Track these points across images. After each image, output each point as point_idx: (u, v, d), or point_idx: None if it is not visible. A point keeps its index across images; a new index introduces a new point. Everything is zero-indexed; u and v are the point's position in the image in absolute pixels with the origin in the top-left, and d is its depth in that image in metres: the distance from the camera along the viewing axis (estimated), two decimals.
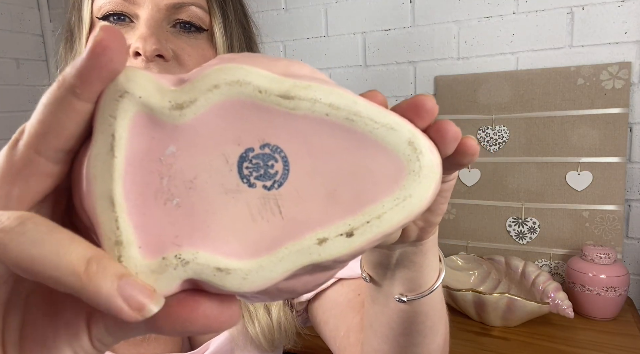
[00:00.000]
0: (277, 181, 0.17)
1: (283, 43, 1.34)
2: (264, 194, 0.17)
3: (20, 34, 1.54)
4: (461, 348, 0.83)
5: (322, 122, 0.17)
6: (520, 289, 0.94)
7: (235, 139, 0.17)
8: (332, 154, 0.17)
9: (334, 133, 0.17)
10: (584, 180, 1.02)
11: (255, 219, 0.17)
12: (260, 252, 0.17)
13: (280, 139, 0.17)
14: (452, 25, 1.14)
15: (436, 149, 0.19)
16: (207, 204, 0.17)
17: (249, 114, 0.16)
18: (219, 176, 0.17)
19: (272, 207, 0.17)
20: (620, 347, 0.81)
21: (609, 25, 1.01)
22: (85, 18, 0.45)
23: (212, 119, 0.16)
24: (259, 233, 0.17)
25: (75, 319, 0.18)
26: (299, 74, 0.17)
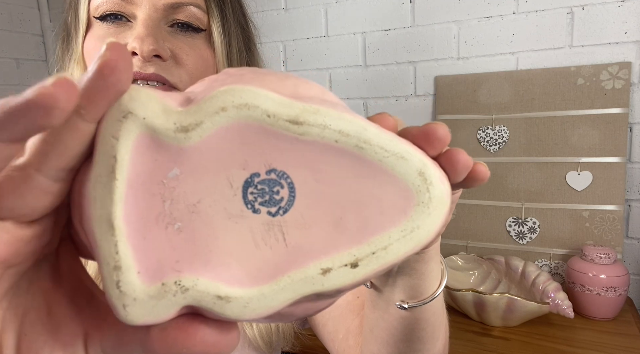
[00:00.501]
0: (282, 207, 0.17)
1: (283, 43, 1.34)
2: (268, 220, 0.16)
3: (20, 34, 1.54)
4: (461, 348, 0.83)
5: (331, 149, 0.16)
6: (520, 289, 0.94)
7: (241, 164, 0.16)
8: (340, 182, 0.17)
9: (342, 160, 0.17)
10: (584, 180, 1.02)
11: (259, 245, 0.17)
12: (263, 280, 0.16)
13: (287, 164, 0.16)
14: (452, 25, 1.14)
15: (446, 178, 0.19)
16: (209, 229, 0.16)
17: (256, 138, 0.16)
18: (223, 200, 0.16)
19: (276, 234, 0.17)
20: (620, 347, 0.81)
21: (609, 25, 1.01)
22: (82, 17, 0.45)
23: (218, 142, 0.16)
24: (262, 260, 0.16)
25: (72, 340, 0.18)
26: (308, 95, 0.17)
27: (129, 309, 0.15)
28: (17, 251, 0.16)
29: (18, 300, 0.17)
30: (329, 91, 0.18)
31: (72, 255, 0.19)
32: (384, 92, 1.24)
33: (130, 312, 0.15)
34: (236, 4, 0.52)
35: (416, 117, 1.22)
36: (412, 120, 1.22)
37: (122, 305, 0.15)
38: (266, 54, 1.47)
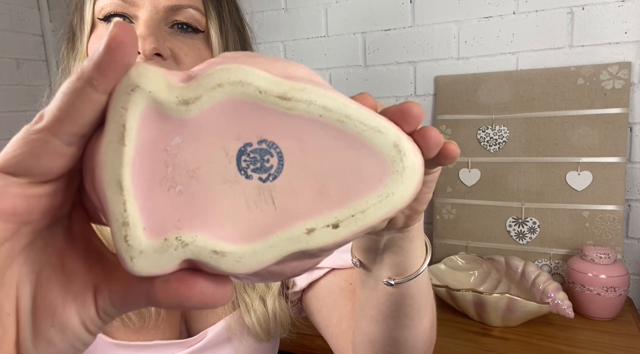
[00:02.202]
0: (272, 174, 0.18)
1: (283, 43, 1.34)
2: (259, 185, 0.18)
3: (20, 34, 1.54)
4: (461, 348, 0.83)
5: (316, 123, 0.18)
6: (520, 289, 0.94)
7: (236, 135, 0.18)
8: (324, 152, 0.19)
9: (326, 133, 0.19)
10: (584, 180, 1.02)
11: (251, 208, 0.18)
12: (254, 238, 0.18)
13: (276, 136, 0.18)
14: (452, 25, 1.14)
15: (419, 151, 0.21)
16: (207, 193, 0.18)
17: (249, 112, 0.18)
18: (219, 167, 0.18)
19: (267, 198, 0.18)
20: (620, 347, 0.81)
21: (609, 25, 1.01)
22: (87, 19, 0.47)
23: (215, 115, 0.18)
24: (253, 221, 0.18)
25: (83, 291, 0.20)
26: (297, 76, 0.19)
27: (135, 260, 0.17)
28: (31, 207, 0.18)
29: (34, 257, 0.20)
30: (316, 74, 0.20)
31: (83, 219, 0.22)
32: (384, 92, 1.24)
33: (137, 263, 0.18)
34: (233, 7, 0.54)
35: None
36: None
37: (130, 257, 0.17)
38: (266, 53, 1.47)
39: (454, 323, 0.92)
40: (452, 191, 1.15)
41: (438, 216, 1.16)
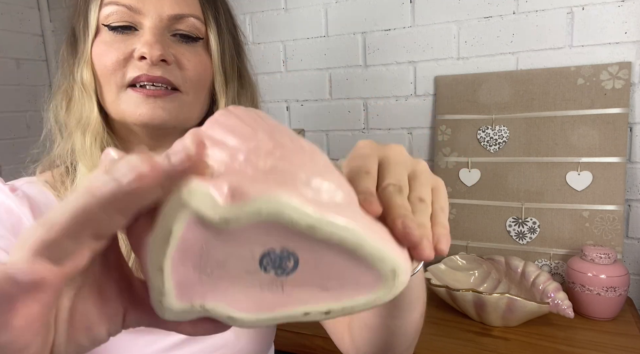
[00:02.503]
0: (286, 272, 0.24)
1: (283, 43, 1.34)
2: (274, 278, 0.24)
3: (20, 34, 1.54)
4: (461, 348, 0.83)
5: (333, 245, 0.23)
6: (520, 289, 0.94)
7: (263, 243, 0.23)
8: (334, 264, 0.23)
9: (340, 254, 0.23)
10: (584, 180, 1.02)
11: (263, 290, 0.24)
12: (261, 311, 0.24)
13: (297, 248, 0.23)
14: (452, 25, 1.14)
15: (410, 261, 0.25)
16: (230, 278, 0.23)
17: (279, 231, 0.22)
18: (244, 262, 0.23)
19: (277, 286, 0.24)
20: (620, 347, 0.81)
21: (609, 25, 1.01)
22: (92, 23, 0.51)
23: (249, 230, 0.22)
24: (263, 299, 0.24)
25: (116, 313, 0.25)
26: (327, 200, 0.23)
27: (166, 314, 0.23)
28: (92, 256, 0.22)
29: (76, 277, 0.23)
30: (344, 179, 0.26)
31: (118, 252, 0.26)
32: (384, 92, 1.24)
33: (166, 315, 0.23)
34: (228, 15, 0.58)
35: (416, 117, 1.22)
36: (412, 120, 1.22)
37: (161, 311, 0.23)
38: (266, 54, 1.48)
39: (454, 323, 0.92)
40: (452, 191, 1.15)
41: None
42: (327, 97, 1.31)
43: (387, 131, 1.25)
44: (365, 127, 1.28)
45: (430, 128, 1.21)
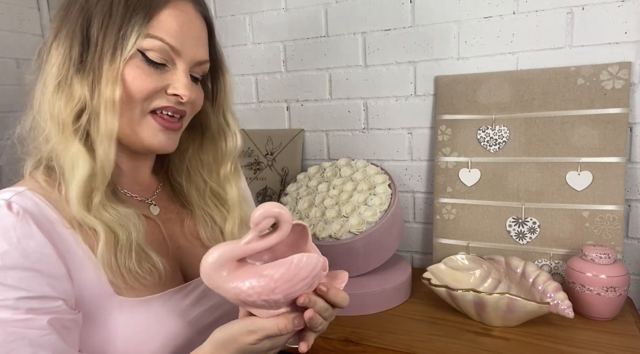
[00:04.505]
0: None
1: (283, 43, 1.34)
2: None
3: (20, 34, 1.54)
4: (461, 348, 0.83)
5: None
6: (520, 289, 0.94)
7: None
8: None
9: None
10: (584, 180, 1.02)
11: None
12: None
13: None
14: (452, 25, 1.14)
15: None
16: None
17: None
18: None
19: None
20: (620, 347, 0.81)
21: (609, 25, 1.01)
22: (129, 47, 0.54)
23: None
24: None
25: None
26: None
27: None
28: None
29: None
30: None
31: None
32: (384, 92, 1.24)
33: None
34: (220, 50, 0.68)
35: (416, 117, 1.22)
36: (412, 120, 1.22)
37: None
38: (266, 53, 1.48)
39: (454, 323, 0.92)
40: (452, 191, 1.15)
41: (438, 216, 1.16)
42: (327, 97, 1.31)
43: (387, 131, 1.25)
44: (365, 127, 1.28)
45: (430, 128, 1.21)
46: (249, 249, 0.49)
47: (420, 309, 0.99)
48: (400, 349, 0.84)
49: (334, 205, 1.05)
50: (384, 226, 0.98)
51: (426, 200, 1.25)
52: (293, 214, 1.07)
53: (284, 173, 1.34)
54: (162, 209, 0.68)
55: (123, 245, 0.55)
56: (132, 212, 0.58)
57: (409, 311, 0.99)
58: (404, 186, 1.26)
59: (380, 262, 1.03)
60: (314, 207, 1.06)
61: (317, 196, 1.09)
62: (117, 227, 0.55)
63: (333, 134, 1.32)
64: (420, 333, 0.89)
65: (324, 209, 1.04)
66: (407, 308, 1.01)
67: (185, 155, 0.70)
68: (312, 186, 1.13)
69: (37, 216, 0.52)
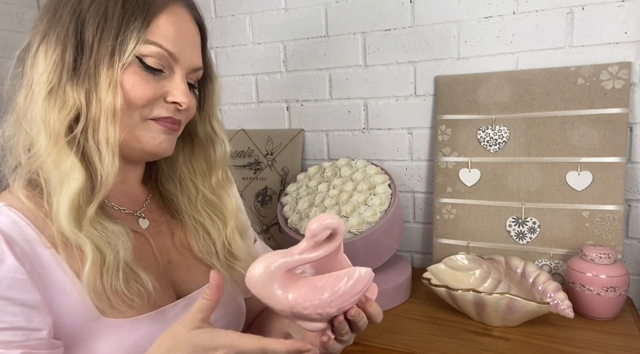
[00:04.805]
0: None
1: (283, 43, 1.34)
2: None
3: (20, 34, 1.54)
4: (461, 348, 0.83)
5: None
6: (520, 289, 0.94)
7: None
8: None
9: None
10: (584, 180, 1.02)
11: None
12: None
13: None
14: (452, 25, 1.14)
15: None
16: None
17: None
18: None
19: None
20: (620, 347, 0.81)
21: (609, 25, 1.01)
22: (128, 53, 0.52)
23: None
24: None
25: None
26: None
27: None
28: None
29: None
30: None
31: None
32: (384, 92, 1.24)
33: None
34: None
35: (416, 117, 1.22)
36: (412, 120, 1.22)
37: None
38: (266, 53, 1.48)
39: (454, 323, 0.92)
40: (452, 191, 1.15)
41: (438, 216, 1.16)
42: (327, 97, 1.31)
43: (387, 131, 1.25)
44: (365, 127, 1.28)
45: (430, 128, 1.21)
46: (303, 260, 0.48)
47: (420, 309, 0.99)
48: (400, 349, 0.84)
49: (334, 205, 1.05)
50: (384, 226, 0.98)
51: (426, 200, 1.25)
52: (293, 214, 1.07)
53: (284, 173, 1.34)
54: (151, 221, 0.65)
55: (110, 265, 0.51)
56: (121, 229, 0.54)
57: (409, 311, 0.99)
58: (404, 186, 1.26)
59: (380, 262, 1.03)
60: (314, 207, 1.06)
61: (317, 196, 1.09)
62: (104, 246, 0.51)
63: (333, 134, 1.32)
64: (420, 333, 0.89)
65: (324, 209, 1.05)
66: (407, 308, 1.01)
67: (176, 162, 0.68)
68: (312, 186, 1.13)
69: (14, 236, 0.49)
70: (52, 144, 0.51)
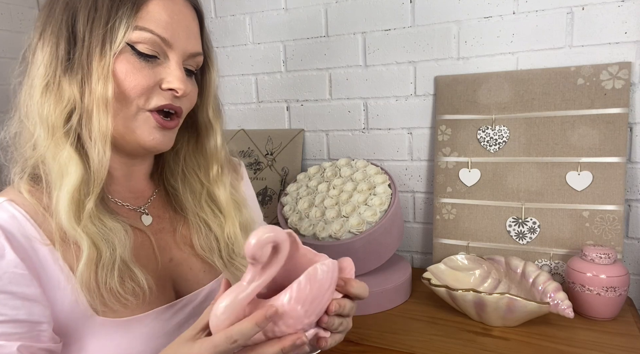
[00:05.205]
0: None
1: (283, 43, 1.34)
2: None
3: (20, 34, 1.54)
4: (461, 348, 0.83)
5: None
6: (520, 289, 0.94)
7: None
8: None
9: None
10: (584, 180, 1.02)
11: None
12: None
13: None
14: (452, 25, 1.14)
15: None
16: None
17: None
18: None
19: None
20: (620, 347, 0.81)
21: (609, 25, 1.01)
22: (118, 41, 0.51)
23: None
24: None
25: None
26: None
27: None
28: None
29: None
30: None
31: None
32: (384, 92, 1.24)
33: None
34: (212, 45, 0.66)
35: (416, 117, 1.22)
36: (412, 120, 1.22)
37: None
38: (266, 53, 1.48)
39: (454, 323, 0.92)
40: (452, 191, 1.15)
41: (438, 216, 1.16)
42: (327, 97, 1.31)
43: (387, 131, 1.25)
44: (365, 127, 1.28)
45: (430, 128, 1.21)
46: (256, 287, 0.45)
47: (420, 309, 0.99)
48: (400, 349, 0.84)
49: (334, 205, 1.05)
50: (384, 226, 0.98)
51: (426, 200, 1.25)
52: (293, 214, 1.07)
53: (284, 173, 1.34)
54: (155, 218, 0.64)
55: (105, 262, 0.51)
56: (119, 226, 0.54)
57: (409, 311, 0.99)
58: (404, 186, 1.26)
59: (380, 262, 1.03)
60: (314, 207, 1.06)
61: (317, 196, 1.09)
62: (101, 243, 0.51)
63: (333, 134, 1.32)
64: (420, 333, 0.89)
65: (324, 209, 1.05)
66: (407, 308, 1.01)
67: (180, 155, 0.66)
68: (312, 186, 1.13)
69: (13, 232, 0.49)
70: (50, 137, 0.51)
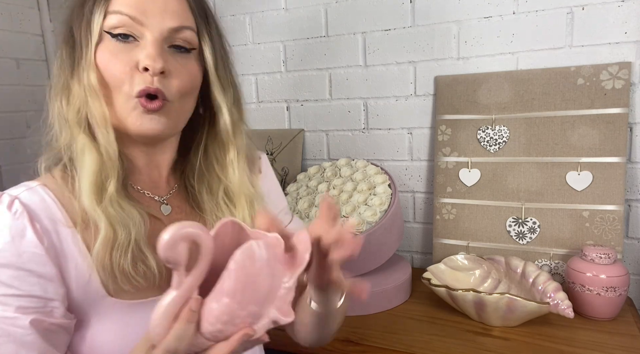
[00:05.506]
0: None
1: (283, 43, 1.34)
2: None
3: (20, 34, 1.54)
4: (461, 348, 0.83)
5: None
6: (520, 289, 0.94)
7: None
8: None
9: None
10: (584, 180, 1.02)
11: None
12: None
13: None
14: (452, 25, 1.14)
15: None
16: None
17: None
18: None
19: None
20: (620, 347, 0.81)
21: (609, 25, 1.01)
22: (95, 30, 0.54)
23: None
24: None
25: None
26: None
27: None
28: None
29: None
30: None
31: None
32: (384, 92, 1.24)
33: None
34: (217, 25, 0.63)
35: (416, 117, 1.22)
36: (412, 120, 1.22)
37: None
38: (266, 54, 1.48)
39: (453, 323, 0.92)
40: (452, 191, 1.15)
41: (438, 216, 1.16)
42: (327, 97, 1.31)
43: (387, 131, 1.25)
44: (365, 127, 1.28)
45: (430, 128, 1.21)
46: (185, 291, 0.41)
47: (420, 309, 0.99)
48: (400, 349, 0.84)
49: None
50: (384, 226, 0.98)
51: (426, 200, 1.25)
52: (293, 214, 1.07)
53: (284, 173, 1.34)
54: (174, 208, 0.64)
55: (120, 244, 0.54)
56: (136, 213, 0.56)
57: (409, 311, 0.99)
58: (404, 186, 1.26)
59: (380, 262, 1.03)
60: (314, 207, 1.06)
61: (317, 196, 1.09)
62: (118, 225, 0.54)
63: (333, 134, 1.32)
64: (420, 333, 0.89)
65: None
66: (407, 308, 1.01)
67: (200, 146, 0.64)
68: (312, 186, 1.13)
69: (39, 214, 0.53)
70: (67, 128, 0.56)
